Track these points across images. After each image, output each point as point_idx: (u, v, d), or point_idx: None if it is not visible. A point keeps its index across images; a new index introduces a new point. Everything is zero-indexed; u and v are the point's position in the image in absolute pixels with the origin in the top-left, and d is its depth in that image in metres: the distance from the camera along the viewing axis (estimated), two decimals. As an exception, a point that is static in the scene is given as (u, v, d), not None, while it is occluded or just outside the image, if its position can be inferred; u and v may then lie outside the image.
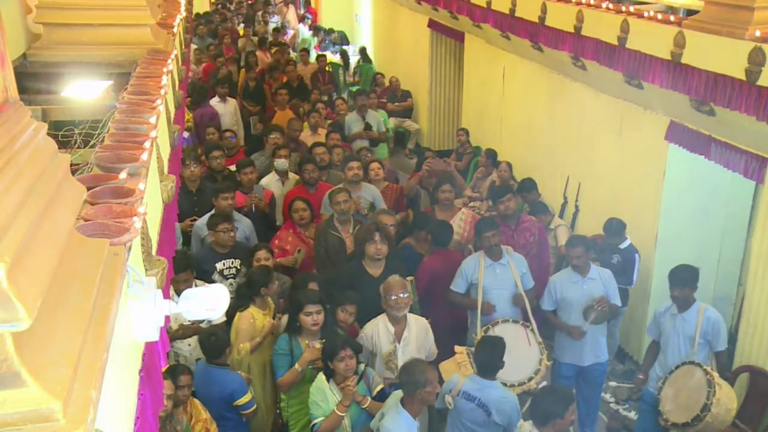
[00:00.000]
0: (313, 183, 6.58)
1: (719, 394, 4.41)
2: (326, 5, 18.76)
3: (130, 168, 2.20)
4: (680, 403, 4.60)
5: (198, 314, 2.03)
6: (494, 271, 5.26)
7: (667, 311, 4.91)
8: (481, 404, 4.20)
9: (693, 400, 4.51)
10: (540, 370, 4.92)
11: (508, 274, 5.27)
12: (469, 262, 5.36)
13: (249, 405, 4.37)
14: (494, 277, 5.25)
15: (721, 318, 4.81)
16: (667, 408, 4.65)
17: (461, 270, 5.32)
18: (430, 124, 11.61)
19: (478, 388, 4.24)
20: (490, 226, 5.31)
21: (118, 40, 4.21)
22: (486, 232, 5.23)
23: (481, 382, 4.26)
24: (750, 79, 4.37)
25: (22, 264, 1.15)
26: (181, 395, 4.01)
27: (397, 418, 3.77)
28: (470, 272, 5.29)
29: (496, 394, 4.21)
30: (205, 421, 4.18)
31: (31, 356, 1.14)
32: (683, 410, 4.55)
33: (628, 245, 5.98)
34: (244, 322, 4.75)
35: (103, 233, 1.74)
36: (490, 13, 8.14)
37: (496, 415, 4.16)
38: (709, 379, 4.47)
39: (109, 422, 1.45)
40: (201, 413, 4.19)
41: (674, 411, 4.61)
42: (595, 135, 6.84)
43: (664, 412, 4.65)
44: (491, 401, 4.17)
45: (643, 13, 5.58)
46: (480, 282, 5.21)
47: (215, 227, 5.49)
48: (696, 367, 4.62)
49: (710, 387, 4.43)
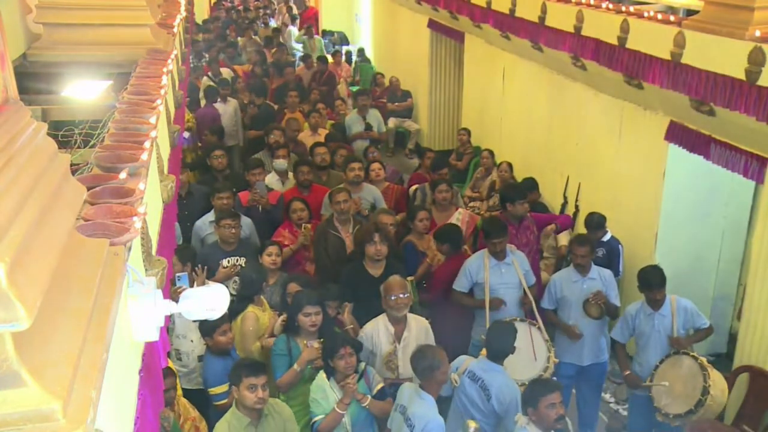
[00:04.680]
0: (307, 185, 6.54)
1: (713, 375, 4.51)
2: (326, 5, 18.76)
3: (130, 168, 2.20)
4: (677, 394, 4.64)
5: (198, 314, 2.03)
6: (500, 270, 5.27)
7: (640, 312, 4.95)
8: (483, 386, 4.24)
9: (690, 387, 4.56)
10: (548, 367, 4.93)
11: (512, 272, 5.28)
12: (473, 261, 5.35)
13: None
14: (500, 276, 5.26)
15: (690, 302, 4.92)
16: (664, 402, 4.68)
17: (465, 269, 5.32)
18: (430, 124, 11.60)
19: (485, 369, 4.29)
20: (500, 232, 5.25)
21: (118, 40, 4.21)
22: (495, 239, 5.21)
23: (488, 364, 4.31)
24: (750, 79, 4.36)
25: (22, 264, 1.15)
26: (167, 397, 4.02)
27: (423, 403, 3.86)
28: (474, 272, 5.28)
29: (499, 380, 4.24)
30: (194, 419, 4.20)
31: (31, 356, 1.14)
32: (682, 399, 4.59)
33: (610, 238, 6.08)
34: (250, 322, 4.76)
35: (103, 233, 1.74)
36: (490, 13, 8.13)
37: (495, 402, 4.18)
38: (699, 364, 4.56)
39: (109, 422, 1.45)
40: (189, 412, 4.21)
41: (672, 403, 4.63)
42: (595, 135, 6.84)
43: (661, 407, 4.68)
44: (493, 385, 4.21)
45: (643, 13, 5.57)
46: (486, 281, 5.21)
47: (218, 222, 5.59)
48: (681, 356, 4.69)
49: (703, 370, 4.52)
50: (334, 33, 17.45)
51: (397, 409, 4.03)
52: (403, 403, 3.98)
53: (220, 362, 4.42)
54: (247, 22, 17.27)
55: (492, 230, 5.29)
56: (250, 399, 3.70)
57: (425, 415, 3.81)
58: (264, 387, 3.74)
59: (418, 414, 3.82)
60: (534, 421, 3.81)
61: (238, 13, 19.55)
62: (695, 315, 4.88)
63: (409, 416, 3.87)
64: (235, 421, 3.76)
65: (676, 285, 5.80)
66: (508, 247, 5.34)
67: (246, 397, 3.71)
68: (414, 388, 3.99)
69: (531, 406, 3.82)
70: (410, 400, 3.94)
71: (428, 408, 3.86)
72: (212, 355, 4.47)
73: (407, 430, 3.86)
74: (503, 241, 5.23)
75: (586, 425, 5.49)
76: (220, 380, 4.38)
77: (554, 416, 3.76)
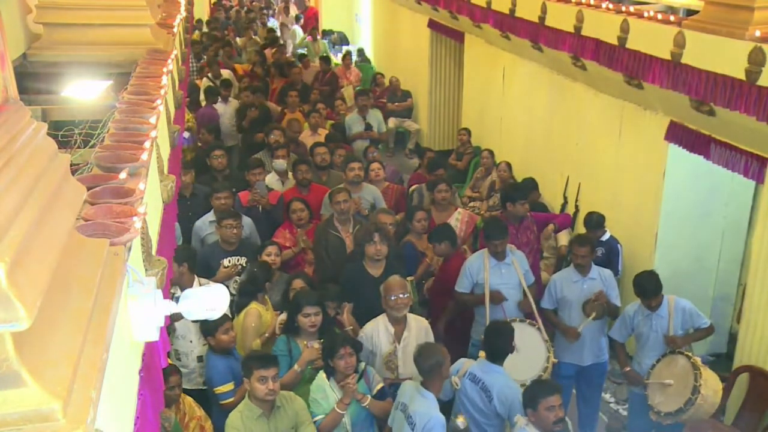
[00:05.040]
0: (306, 184, 6.56)
1: (705, 375, 4.51)
2: (326, 5, 18.76)
3: (130, 168, 2.20)
4: (669, 393, 4.65)
5: (198, 314, 2.03)
6: (500, 270, 5.27)
7: (638, 312, 4.96)
8: (485, 388, 4.24)
9: (681, 386, 4.57)
10: (547, 368, 4.93)
11: (512, 272, 5.28)
12: (473, 262, 5.34)
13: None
14: (500, 276, 5.26)
15: (689, 302, 4.92)
16: (657, 401, 4.70)
17: (465, 270, 5.31)
18: (430, 124, 11.60)
19: (485, 371, 4.30)
20: (501, 233, 5.24)
21: (118, 40, 4.22)
22: (495, 240, 5.20)
23: (488, 365, 4.32)
24: (750, 79, 4.36)
25: (22, 264, 1.15)
26: (172, 395, 4.02)
27: (425, 401, 3.87)
28: (475, 272, 5.28)
29: (500, 381, 4.24)
30: (200, 419, 4.20)
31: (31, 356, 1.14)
32: (674, 398, 4.61)
33: (609, 237, 6.11)
34: (252, 318, 4.77)
35: (103, 233, 1.74)
36: (490, 13, 8.13)
37: (497, 402, 4.18)
38: (693, 363, 4.58)
39: (109, 422, 1.45)
40: (195, 411, 4.21)
41: (664, 401, 4.65)
42: (595, 135, 6.84)
43: (654, 406, 4.69)
44: (494, 386, 4.21)
45: (643, 13, 5.57)
46: (486, 282, 5.21)
47: (220, 222, 5.60)
48: (676, 355, 4.70)
49: (696, 369, 4.53)
50: (333, 33, 17.46)
51: (398, 408, 4.03)
52: (404, 401, 3.98)
53: (223, 361, 4.43)
54: (247, 22, 17.27)
55: (493, 231, 5.28)
56: (261, 391, 3.78)
57: (427, 412, 3.81)
58: (275, 379, 3.83)
59: (419, 412, 3.82)
60: (533, 422, 3.80)
61: (237, 13, 19.56)
62: (695, 315, 4.87)
63: (410, 414, 3.87)
64: (248, 411, 3.85)
65: (676, 285, 5.81)
66: (508, 247, 5.35)
67: (257, 389, 3.80)
68: (415, 386, 3.99)
69: (530, 408, 3.82)
70: (411, 398, 3.94)
71: (430, 405, 3.86)
72: (215, 354, 4.47)
73: (408, 428, 3.86)
74: (504, 242, 5.23)
75: (586, 425, 5.49)
76: (224, 379, 4.39)
77: (553, 419, 3.75)
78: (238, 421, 3.82)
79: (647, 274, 4.93)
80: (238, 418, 3.83)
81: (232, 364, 4.47)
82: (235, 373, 4.45)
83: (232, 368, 4.45)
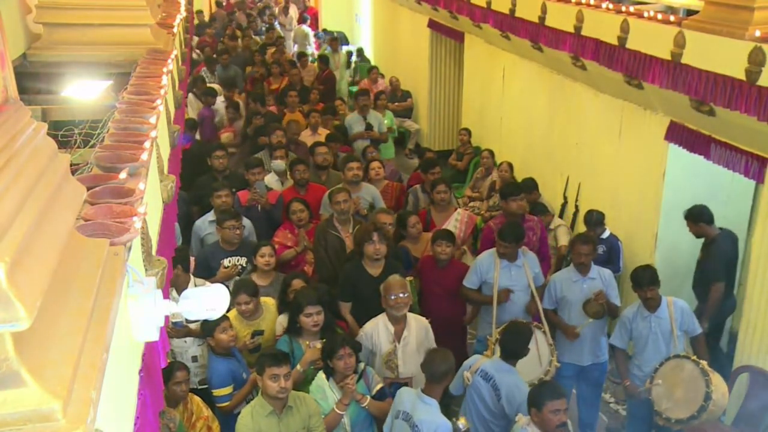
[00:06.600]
0: (304, 184, 6.55)
1: (715, 381, 4.48)
2: (326, 5, 18.77)
3: (130, 168, 2.20)
4: (678, 399, 4.62)
5: (198, 314, 2.03)
6: (509, 272, 5.26)
7: (637, 315, 4.94)
8: (495, 386, 4.25)
9: (692, 392, 4.54)
10: (549, 371, 4.94)
11: (522, 274, 5.27)
12: (484, 259, 5.33)
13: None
14: (509, 277, 5.25)
15: (686, 303, 4.96)
16: (665, 406, 4.65)
17: (475, 266, 5.31)
18: (430, 124, 11.60)
19: (497, 369, 4.31)
20: (510, 237, 5.17)
21: (118, 40, 4.22)
22: (504, 242, 5.17)
23: (500, 364, 4.33)
24: (750, 79, 4.36)
25: (22, 264, 1.15)
26: (179, 391, 4.00)
27: (429, 408, 3.86)
28: (485, 270, 5.27)
29: (510, 380, 4.25)
30: (207, 419, 4.18)
31: (31, 356, 1.14)
32: (684, 404, 4.57)
33: (609, 235, 6.14)
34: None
35: (103, 233, 1.74)
36: (490, 13, 8.14)
37: (506, 402, 4.18)
38: (701, 369, 4.54)
39: (109, 422, 1.45)
40: (202, 410, 4.19)
41: (674, 407, 4.61)
42: (595, 135, 6.84)
43: (662, 411, 4.66)
44: (504, 385, 4.22)
45: (643, 13, 5.57)
46: (495, 282, 5.21)
47: (222, 223, 5.56)
48: (683, 359, 4.67)
49: (705, 375, 4.49)
50: (333, 33, 17.44)
51: (400, 416, 3.98)
52: (406, 410, 3.94)
53: (224, 363, 4.42)
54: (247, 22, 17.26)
55: (505, 233, 5.21)
56: (273, 388, 3.79)
57: (433, 420, 3.80)
58: (287, 377, 3.83)
59: (425, 420, 3.80)
60: (536, 422, 3.79)
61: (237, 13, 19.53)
62: (689, 318, 4.89)
63: (415, 423, 3.84)
64: (259, 407, 3.85)
65: (676, 285, 5.82)
66: (520, 250, 5.33)
67: (268, 386, 3.81)
68: (416, 393, 3.96)
69: (535, 407, 3.80)
70: (414, 407, 3.90)
71: (434, 413, 3.85)
72: (215, 355, 4.46)
73: None
74: (509, 248, 5.19)
75: (586, 425, 5.49)
76: (224, 381, 4.38)
77: (557, 422, 3.74)
78: (248, 417, 3.83)
79: (643, 266, 4.96)
80: (249, 415, 3.84)
81: (233, 366, 4.46)
82: (236, 376, 4.44)
83: (233, 371, 4.44)
